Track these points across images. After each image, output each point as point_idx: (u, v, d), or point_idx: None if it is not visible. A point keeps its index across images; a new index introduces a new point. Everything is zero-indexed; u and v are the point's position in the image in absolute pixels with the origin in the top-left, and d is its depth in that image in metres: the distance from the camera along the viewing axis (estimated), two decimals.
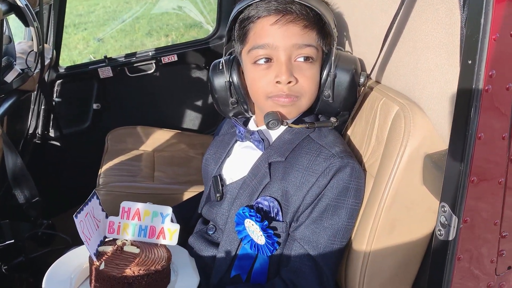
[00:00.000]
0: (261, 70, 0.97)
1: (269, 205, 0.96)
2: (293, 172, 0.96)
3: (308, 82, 0.97)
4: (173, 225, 1.03)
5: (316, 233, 0.93)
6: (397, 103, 0.93)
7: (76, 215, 0.91)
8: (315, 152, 0.96)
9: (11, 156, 1.51)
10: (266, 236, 0.94)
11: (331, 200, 0.93)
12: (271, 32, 0.94)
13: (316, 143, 0.98)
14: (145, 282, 0.94)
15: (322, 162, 0.94)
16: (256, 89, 0.99)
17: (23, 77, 1.38)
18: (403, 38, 0.94)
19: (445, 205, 0.76)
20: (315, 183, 0.93)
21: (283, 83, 0.94)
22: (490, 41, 0.65)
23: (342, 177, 0.93)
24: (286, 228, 0.97)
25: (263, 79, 0.96)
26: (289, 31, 0.94)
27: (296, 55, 0.95)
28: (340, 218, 0.93)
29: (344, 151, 0.96)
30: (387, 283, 0.96)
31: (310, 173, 0.94)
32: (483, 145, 0.70)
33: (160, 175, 1.90)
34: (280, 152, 0.99)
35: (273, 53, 0.95)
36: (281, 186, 0.96)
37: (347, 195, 0.93)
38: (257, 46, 0.96)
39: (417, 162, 0.88)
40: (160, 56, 2.27)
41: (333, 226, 0.93)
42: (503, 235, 0.79)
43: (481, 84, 0.67)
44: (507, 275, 0.84)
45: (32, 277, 1.60)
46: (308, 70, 0.96)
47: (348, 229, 0.95)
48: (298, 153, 0.98)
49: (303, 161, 0.96)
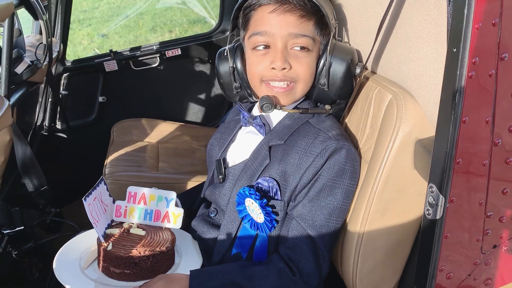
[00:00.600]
0: (259, 56, 1.02)
1: (269, 185, 1.01)
2: (292, 154, 1.01)
3: (303, 69, 1.01)
4: (177, 209, 1.08)
5: (313, 212, 0.98)
6: (391, 92, 0.97)
7: (85, 198, 0.96)
8: (312, 135, 1.01)
9: (21, 146, 1.56)
10: (265, 214, 0.99)
11: (328, 181, 0.98)
12: (269, 20, 0.99)
13: (314, 127, 1.03)
14: (150, 262, 0.99)
15: (319, 144, 0.99)
16: (253, 73, 1.05)
17: (32, 69, 1.43)
18: (396, 30, 0.98)
19: (433, 186, 0.80)
20: (312, 163, 0.98)
21: (278, 69, 1.00)
22: (473, 30, 0.69)
23: (338, 158, 0.98)
24: (284, 206, 1.02)
25: (260, 64, 1.02)
26: (285, 20, 0.98)
27: (292, 44, 1.00)
28: (335, 198, 0.98)
29: (340, 134, 1.01)
30: (381, 263, 1.01)
31: (308, 154, 0.99)
32: (468, 129, 0.75)
33: (164, 166, 1.95)
34: (280, 136, 1.04)
35: (270, 40, 1.00)
36: (280, 167, 1.02)
37: (342, 176, 0.98)
38: (256, 32, 1.01)
39: (408, 148, 0.92)
40: (164, 50, 2.32)
41: (329, 206, 0.98)
42: (488, 214, 0.84)
43: (465, 71, 0.71)
44: (492, 253, 0.88)
45: (41, 262, 1.65)
46: (304, 58, 1.01)
47: (343, 209, 1.00)
48: (296, 137, 1.03)
49: (301, 144, 1.01)
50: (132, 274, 0.98)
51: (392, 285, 1.04)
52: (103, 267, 1.01)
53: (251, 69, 1.06)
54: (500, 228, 0.86)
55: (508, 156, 0.80)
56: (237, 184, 1.06)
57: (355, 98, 1.11)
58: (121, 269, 0.97)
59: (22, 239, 1.58)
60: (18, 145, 1.56)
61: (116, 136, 2.14)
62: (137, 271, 0.98)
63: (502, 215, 0.85)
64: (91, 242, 1.09)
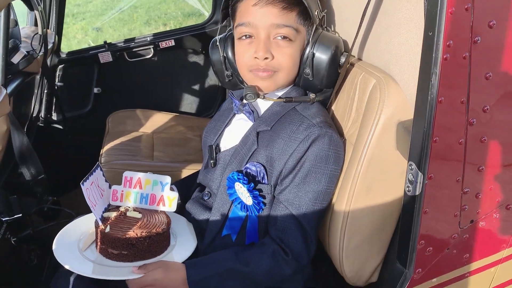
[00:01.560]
0: (244, 45, 1.07)
1: (256, 170, 1.06)
2: (278, 140, 1.05)
3: (285, 59, 1.05)
4: (172, 193, 1.12)
5: (299, 196, 1.03)
6: (374, 77, 1.02)
7: (82, 183, 1.00)
8: (298, 122, 1.06)
9: (18, 135, 1.60)
10: (253, 197, 1.04)
11: (312, 166, 1.03)
12: (253, 11, 1.03)
13: (299, 114, 1.08)
14: (147, 244, 1.03)
15: (303, 130, 1.03)
16: (240, 62, 1.10)
17: (28, 59, 1.46)
18: (379, 17, 1.02)
19: (412, 164, 0.85)
20: (296, 149, 1.03)
21: (260, 59, 1.04)
22: (447, 14, 0.73)
23: (321, 145, 1.02)
24: (271, 190, 1.07)
25: (245, 53, 1.06)
26: (267, 12, 1.02)
27: (274, 34, 1.04)
28: (320, 183, 1.03)
29: (324, 122, 1.05)
30: (366, 240, 1.05)
31: (292, 140, 1.04)
32: (444, 109, 0.79)
33: (159, 155, 1.99)
34: (267, 122, 1.09)
35: (253, 31, 1.05)
36: (267, 153, 1.06)
37: (326, 161, 1.03)
38: (241, 23, 1.06)
39: (391, 129, 0.97)
40: (158, 41, 2.35)
41: (314, 190, 1.03)
42: (465, 191, 0.89)
43: (440, 53, 0.75)
44: (470, 228, 0.93)
45: (39, 249, 1.69)
46: (286, 48, 1.05)
47: (328, 193, 1.05)
48: (283, 123, 1.08)
49: (286, 130, 1.06)
50: (129, 255, 1.02)
51: (377, 262, 1.09)
52: (101, 248, 1.04)
53: (238, 59, 1.10)
54: (477, 204, 0.91)
55: (483, 135, 0.85)
56: (228, 169, 1.11)
57: (342, 84, 1.15)
58: (119, 250, 1.01)
59: (21, 226, 1.61)
60: (15, 135, 1.59)
61: (111, 127, 2.17)
62: (134, 252, 1.02)
63: (478, 191, 0.90)
64: (89, 226, 1.12)
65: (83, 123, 2.38)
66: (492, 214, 0.94)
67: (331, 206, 1.08)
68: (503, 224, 0.96)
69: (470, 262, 0.97)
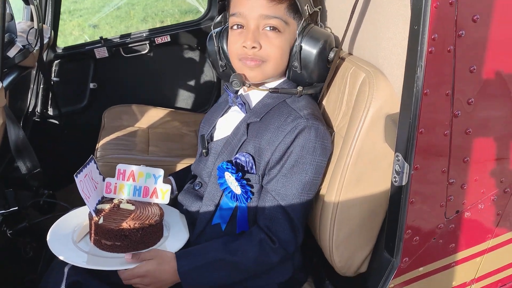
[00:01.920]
0: (235, 35, 1.10)
1: (245, 160, 1.08)
2: (266, 131, 1.08)
3: (273, 49, 1.08)
4: (164, 185, 1.14)
5: (285, 186, 1.06)
6: (364, 71, 1.04)
7: (76, 175, 1.01)
8: (286, 114, 1.08)
9: (14, 129, 1.61)
10: (241, 186, 1.06)
11: (298, 157, 1.05)
12: (243, 2, 1.07)
13: (288, 107, 1.10)
14: (140, 235, 1.05)
15: (290, 122, 1.06)
16: (230, 51, 1.13)
17: (24, 53, 1.47)
18: (368, 12, 1.04)
19: (399, 155, 0.87)
20: (283, 140, 1.05)
21: (248, 48, 1.07)
22: (432, 9, 0.76)
23: (307, 136, 1.04)
24: (259, 179, 1.09)
25: (236, 43, 1.10)
26: (257, 3, 1.05)
27: (263, 25, 1.07)
28: (307, 173, 1.05)
29: (311, 114, 1.07)
30: (355, 231, 1.08)
31: (280, 131, 1.06)
32: (429, 101, 0.82)
33: (155, 150, 2.01)
34: (257, 114, 1.12)
35: (243, 21, 1.08)
36: (255, 143, 1.09)
37: (313, 153, 1.05)
38: (233, 13, 1.09)
39: (379, 122, 0.99)
40: (153, 37, 2.36)
41: (301, 180, 1.05)
42: (450, 182, 0.91)
43: (425, 47, 0.78)
44: (455, 218, 0.96)
45: (34, 242, 1.71)
46: (274, 39, 1.07)
47: (314, 183, 1.07)
48: (272, 115, 1.10)
49: (274, 122, 1.08)
50: (122, 246, 1.03)
51: (366, 252, 1.11)
52: (95, 240, 1.06)
53: (230, 47, 1.13)
54: (462, 194, 0.94)
55: (467, 127, 0.87)
56: (219, 159, 1.13)
57: (333, 78, 1.17)
58: (112, 241, 1.03)
59: (16, 219, 1.63)
60: (11, 128, 1.60)
61: (107, 122, 2.18)
62: (128, 243, 1.04)
63: (463, 182, 0.92)
64: (83, 218, 1.14)
65: (79, 118, 2.39)
66: (477, 205, 0.96)
67: (322, 197, 1.10)
68: (488, 214, 0.99)
69: (456, 251, 1.00)
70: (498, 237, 1.03)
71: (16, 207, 1.60)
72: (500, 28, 0.81)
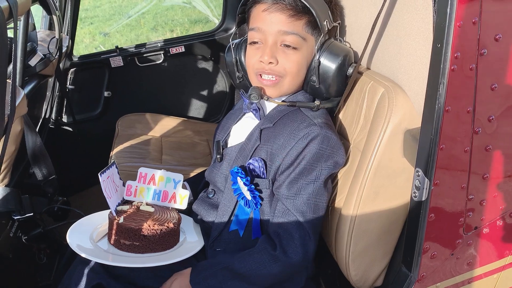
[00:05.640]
0: (253, 49, 1.12)
1: (258, 165, 1.10)
2: (279, 136, 1.10)
3: (289, 65, 1.09)
4: (183, 191, 1.16)
5: (294, 193, 1.06)
6: (383, 86, 1.05)
7: (100, 174, 1.04)
8: (299, 120, 1.10)
9: (31, 136, 1.63)
10: (249, 191, 1.08)
11: (309, 164, 1.06)
12: (262, 17, 1.08)
13: (303, 114, 1.12)
14: (158, 236, 1.06)
15: (304, 128, 1.07)
16: (248, 64, 1.15)
17: (45, 62, 1.50)
18: (388, 28, 1.06)
19: (419, 170, 0.88)
20: (294, 145, 1.06)
21: (265, 63, 1.09)
22: (455, 27, 0.77)
23: (320, 144, 1.06)
24: (269, 184, 1.10)
25: (253, 57, 1.12)
26: (276, 18, 1.07)
27: (281, 40, 1.08)
28: (316, 180, 1.06)
29: (324, 123, 1.09)
30: (372, 245, 1.08)
31: (292, 137, 1.07)
32: (450, 117, 0.83)
33: (168, 158, 2.03)
34: (271, 120, 1.14)
35: (262, 36, 1.09)
36: (268, 148, 1.11)
37: (324, 160, 1.06)
38: (252, 28, 1.11)
39: (398, 137, 1.00)
40: (168, 47, 2.39)
41: (309, 187, 1.06)
42: (470, 198, 0.91)
43: (448, 64, 0.79)
44: (474, 234, 0.96)
45: (49, 248, 1.72)
46: (291, 55, 1.09)
47: (324, 190, 1.08)
48: (285, 121, 1.12)
49: (288, 127, 1.10)
50: (141, 246, 1.05)
51: (383, 266, 1.11)
52: (114, 240, 1.07)
53: (247, 61, 1.15)
54: (481, 210, 0.94)
55: (487, 143, 0.88)
56: (234, 164, 1.15)
57: (350, 92, 1.18)
58: (131, 241, 1.05)
59: (32, 225, 1.65)
60: (28, 135, 1.63)
61: (120, 130, 2.21)
62: (146, 243, 1.05)
63: (483, 198, 0.93)
64: (100, 221, 1.16)
65: (93, 126, 2.41)
66: (496, 222, 0.97)
67: (339, 210, 1.10)
68: (506, 231, 0.99)
69: (474, 268, 1.00)
70: None
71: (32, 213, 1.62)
72: None
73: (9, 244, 1.50)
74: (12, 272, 1.53)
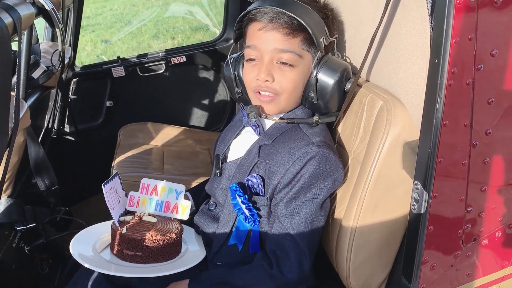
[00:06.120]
0: (250, 66, 1.13)
1: (257, 182, 1.11)
2: (277, 154, 1.10)
3: (286, 82, 1.10)
4: (185, 201, 1.17)
5: (292, 211, 1.07)
6: (382, 98, 1.06)
7: (104, 184, 1.05)
8: (298, 139, 1.10)
9: (34, 147, 1.65)
10: (247, 209, 1.09)
11: (307, 183, 1.06)
12: (258, 36, 1.09)
13: (301, 131, 1.13)
14: (160, 246, 1.08)
15: (302, 147, 1.08)
16: (246, 81, 1.16)
17: (48, 74, 1.52)
18: (386, 41, 1.07)
19: (418, 183, 0.89)
20: (293, 164, 1.07)
21: (261, 81, 1.09)
22: (451, 43, 0.78)
23: (318, 163, 1.06)
24: (267, 202, 1.11)
25: (250, 74, 1.13)
26: (272, 37, 1.07)
27: (277, 58, 1.09)
28: (314, 200, 1.07)
29: (323, 142, 1.09)
30: (372, 256, 1.09)
31: (290, 156, 1.08)
32: (448, 131, 0.84)
33: (169, 168, 2.04)
34: (270, 137, 1.14)
35: (258, 54, 1.10)
36: (266, 165, 1.11)
37: (321, 180, 1.07)
38: (248, 46, 1.12)
39: (397, 149, 1.01)
40: (169, 57, 2.42)
41: (307, 206, 1.07)
42: (468, 210, 0.92)
43: (445, 80, 0.80)
44: (473, 246, 0.97)
45: (51, 258, 1.73)
46: (288, 72, 1.09)
47: (322, 209, 1.09)
48: (284, 138, 1.13)
49: (286, 145, 1.10)
50: (143, 256, 1.06)
51: (383, 277, 1.12)
52: (117, 250, 1.09)
53: (245, 78, 1.16)
54: (480, 222, 0.95)
55: (485, 157, 0.89)
56: (233, 180, 1.16)
57: (349, 104, 1.19)
58: (134, 251, 1.06)
59: (34, 236, 1.66)
60: (31, 146, 1.64)
61: (122, 139, 2.22)
62: (148, 253, 1.06)
63: (481, 210, 0.94)
64: (102, 232, 1.17)
65: (95, 136, 2.43)
66: (494, 233, 0.97)
67: (339, 222, 1.11)
68: (505, 242, 0.99)
69: (473, 279, 1.00)
70: None
71: (34, 224, 1.63)
72: None
73: (12, 255, 1.51)
74: (15, 282, 1.54)
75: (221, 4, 4.31)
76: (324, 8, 1.14)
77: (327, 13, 1.14)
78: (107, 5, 8.77)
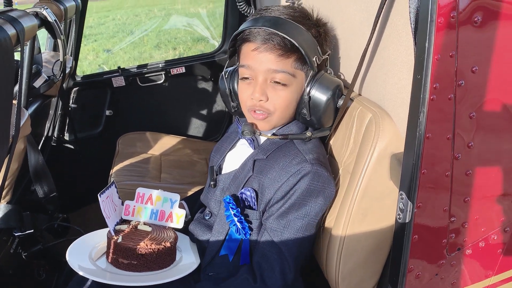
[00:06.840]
0: (245, 85, 1.16)
1: (250, 195, 1.14)
2: (271, 170, 1.13)
3: (279, 101, 1.13)
4: (180, 210, 1.20)
5: (283, 226, 1.10)
6: (371, 111, 1.10)
7: (100, 194, 1.08)
8: (292, 155, 1.13)
9: (34, 154, 1.68)
10: (239, 222, 1.11)
11: (298, 199, 1.09)
12: (252, 56, 1.12)
13: (295, 148, 1.15)
14: (155, 255, 1.10)
15: (296, 165, 1.10)
16: (241, 99, 1.19)
17: (49, 83, 1.56)
18: (376, 57, 1.11)
19: (403, 193, 0.92)
20: (286, 181, 1.10)
21: (256, 100, 1.12)
22: (433, 60, 0.82)
23: (311, 181, 1.09)
24: (259, 216, 1.14)
25: (245, 92, 1.15)
26: (266, 58, 1.10)
27: (271, 78, 1.12)
28: (305, 216, 1.10)
29: (316, 159, 1.12)
30: (361, 264, 1.12)
31: (284, 172, 1.11)
32: (431, 144, 0.87)
33: (167, 177, 2.07)
34: (264, 152, 1.17)
35: (252, 74, 1.13)
36: (260, 180, 1.14)
37: (314, 196, 1.10)
38: (242, 65, 1.15)
39: (384, 161, 1.04)
40: (169, 68, 2.47)
41: (298, 222, 1.10)
42: (452, 220, 0.95)
43: (428, 94, 0.84)
44: (457, 255, 0.99)
45: (48, 264, 1.75)
46: (281, 91, 1.12)
47: (312, 225, 1.11)
48: (279, 154, 1.15)
49: (280, 161, 1.13)
50: (138, 265, 1.09)
51: (371, 284, 1.15)
52: (112, 258, 1.11)
53: (239, 96, 1.19)
54: (463, 232, 0.98)
55: (468, 169, 0.92)
56: (227, 192, 1.19)
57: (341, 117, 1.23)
58: (129, 260, 1.08)
59: (32, 242, 1.68)
60: (31, 154, 1.68)
61: (121, 148, 2.26)
62: (143, 262, 1.09)
63: (464, 221, 0.97)
64: (98, 240, 1.19)
65: (94, 144, 2.47)
66: (478, 243, 1.00)
67: (329, 230, 1.14)
68: (489, 252, 1.02)
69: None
70: (499, 274, 1.06)
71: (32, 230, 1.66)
72: (497, 78, 0.87)
73: (9, 261, 1.54)
74: None
75: (220, 16, 4.38)
76: (317, 25, 1.16)
77: (320, 30, 1.16)
78: (110, 15, 8.87)
